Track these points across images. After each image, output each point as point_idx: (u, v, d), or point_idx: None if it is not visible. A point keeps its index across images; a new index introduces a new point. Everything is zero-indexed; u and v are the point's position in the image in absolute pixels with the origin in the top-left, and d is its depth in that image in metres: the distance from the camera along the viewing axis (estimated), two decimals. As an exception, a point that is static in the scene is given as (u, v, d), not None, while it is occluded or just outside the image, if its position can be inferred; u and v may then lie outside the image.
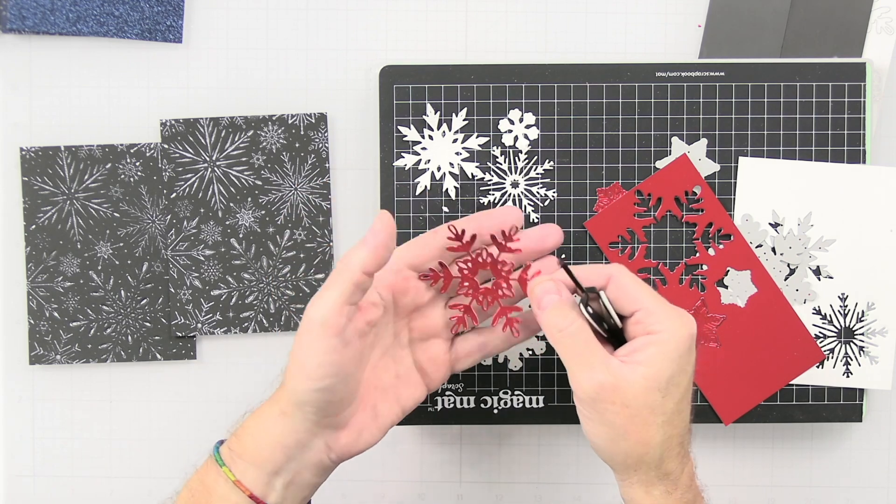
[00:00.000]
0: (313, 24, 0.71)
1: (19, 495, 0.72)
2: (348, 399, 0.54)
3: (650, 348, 0.52)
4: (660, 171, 0.68)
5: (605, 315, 0.54)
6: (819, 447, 0.72)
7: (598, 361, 0.53)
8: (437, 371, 0.59)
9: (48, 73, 0.71)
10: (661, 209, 0.68)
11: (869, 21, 0.69)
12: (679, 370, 0.53)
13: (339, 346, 0.51)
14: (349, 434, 0.55)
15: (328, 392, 0.52)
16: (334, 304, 0.51)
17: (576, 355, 0.53)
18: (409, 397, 0.58)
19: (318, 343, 0.51)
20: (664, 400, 0.52)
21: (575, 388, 0.53)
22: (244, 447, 0.54)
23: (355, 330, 0.53)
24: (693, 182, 0.68)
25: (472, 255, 0.57)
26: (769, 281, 0.68)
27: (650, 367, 0.52)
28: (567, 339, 0.53)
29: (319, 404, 0.53)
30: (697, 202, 0.68)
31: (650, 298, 0.54)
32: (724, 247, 0.68)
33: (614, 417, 0.52)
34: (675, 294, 0.68)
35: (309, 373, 0.52)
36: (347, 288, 0.51)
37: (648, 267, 0.68)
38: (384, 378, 0.58)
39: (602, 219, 0.68)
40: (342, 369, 0.52)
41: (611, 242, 0.68)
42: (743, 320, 0.68)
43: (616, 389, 0.52)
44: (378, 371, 0.57)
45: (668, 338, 0.52)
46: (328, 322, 0.51)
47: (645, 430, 0.52)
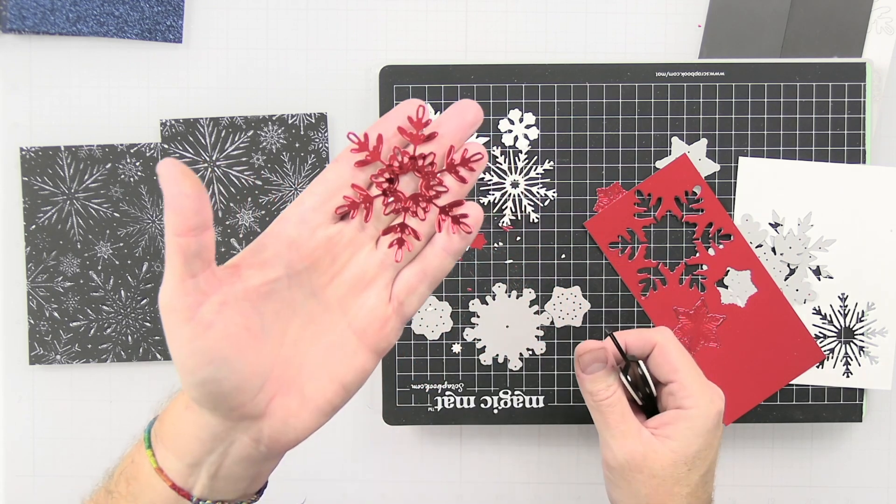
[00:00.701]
0: (313, 24, 0.71)
1: (19, 495, 0.72)
2: (248, 385, 0.45)
3: (680, 423, 0.55)
4: (660, 171, 0.68)
5: (640, 384, 0.57)
6: (819, 447, 0.72)
7: (632, 432, 0.56)
8: (382, 327, 0.48)
9: (48, 73, 0.71)
10: (661, 209, 0.68)
11: (869, 21, 0.69)
12: (706, 445, 0.55)
13: (199, 330, 0.43)
14: (272, 423, 0.46)
15: (213, 383, 0.44)
16: (172, 284, 0.43)
17: (612, 424, 0.56)
18: (347, 369, 0.47)
19: (175, 332, 0.43)
20: (690, 473, 0.55)
21: (606, 454, 0.57)
22: (165, 433, 0.48)
23: (226, 302, 0.44)
24: (693, 182, 0.68)
25: (386, 163, 0.47)
26: (769, 281, 0.68)
27: (679, 442, 0.55)
28: (606, 408, 0.57)
29: (211, 398, 0.45)
30: (697, 202, 0.68)
31: (687, 371, 0.56)
32: (724, 247, 0.68)
33: (641, 486, 0.55)
34: (675, 294, 0.68)
35: (181, 366, 0.44)
36: (177, 260, 0.43)
37: (648, 267, 0.68)
38: (310, 352, 0.47)
39: (602, 219, 0.68)
40: (216, 354, 0.43)
41: (611, 242, 0.68)
42: (743, 320, 0.68)
43: (645, 459, 0.55)
44: (301, 345, 0.47)
45: (697, 414, 0.55)
46: (172, 306, 0.43)
47: (669, 500, 0.55)
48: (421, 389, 0.69)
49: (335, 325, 0.48)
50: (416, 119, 0.47)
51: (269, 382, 0.46)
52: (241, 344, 0.44)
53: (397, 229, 0.48)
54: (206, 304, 0.43)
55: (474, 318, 0.69)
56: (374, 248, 0.48)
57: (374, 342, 0.48)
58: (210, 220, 0.43)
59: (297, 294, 0.47)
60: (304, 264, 0.46)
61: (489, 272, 0.69)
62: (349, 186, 0.47)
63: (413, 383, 0.69)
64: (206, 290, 0.44)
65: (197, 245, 0.43)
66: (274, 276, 0.46)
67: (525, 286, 0.69)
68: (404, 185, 0.48)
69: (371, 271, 0.48)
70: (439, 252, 0.48)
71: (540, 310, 0.69)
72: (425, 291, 0.49)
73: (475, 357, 0.69)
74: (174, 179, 0.42)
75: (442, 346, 0.69)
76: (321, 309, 0.48)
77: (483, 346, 0.69)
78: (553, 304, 0.69)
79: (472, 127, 0.48)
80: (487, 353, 0.69)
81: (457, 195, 0.47)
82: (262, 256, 0.46)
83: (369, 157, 0.47)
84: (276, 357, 0.46)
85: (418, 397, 0.69)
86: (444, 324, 0.69)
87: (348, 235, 0.47)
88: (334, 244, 0.47)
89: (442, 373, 0.69)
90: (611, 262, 0.68)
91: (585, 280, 0.69)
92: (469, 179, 0.47)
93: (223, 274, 0.44)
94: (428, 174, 0.48)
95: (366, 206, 0.47)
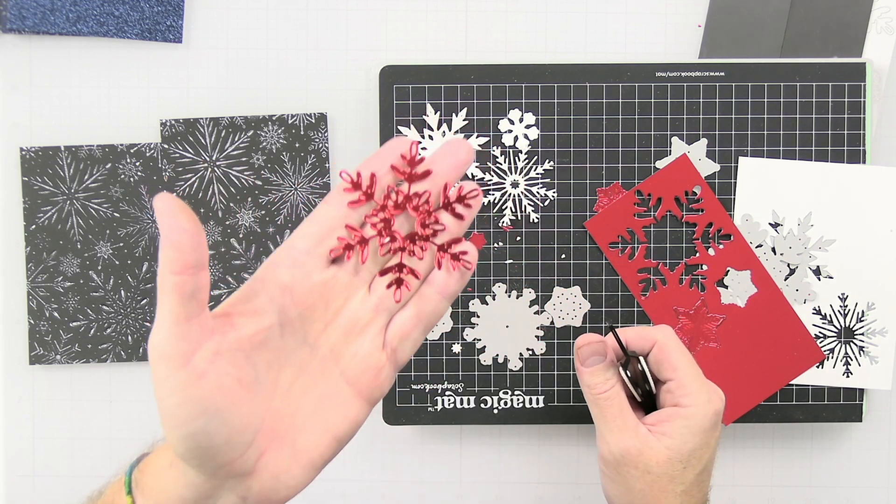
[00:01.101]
0: (313, 24, 0.71)
1: (19, 495, 0.72)
2: (239, 440, 0.42)
3: (676, 421, 0.55)
4: (660, 171, 0.68)
5: (640, 381, 0.57)
6: (819, 447, 0.72)
7: (629, 427, 0.56)
8: (376, 376, 0.46)
9: (48, 73, 0.71)
10: (661, 209, 0.68)
11: (869, 21, 0.69)
12: (702, 444, 0.55)
13: (192, 379, 0.40)
14: (262, 480, 0.43)
15: (202, 437, 0.41)
16: (166, 327, 0.40)
17: (609, 418, 0.56)
18: (340, 420, 0.45)
19: (167, 381, 0.40)
20: (685, 471, 0.55)
21: (602, 448, 0.57)
22: (146, 485, 0.45)
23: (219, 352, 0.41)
24: (693, 182, 0.68)
25: (381, 202, 0.46)
26: (769, 281, 0.68)
27: (674, 439, 0.55)
28: (604, 402, 0.57)
29: (199, 453, 0.41)
30: (697, 202, 0.68)
31: (687, 370, 0.56)
32: (724, 247, 0.68)
33: (635, 482, 0.55)
34: (675, 294, 0.68)
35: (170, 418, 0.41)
36: (172, 301, 0.40)
37: (648, 267, 0.68)
38: (303, 403, 0.45)
39: (602, 219, 0.68)
40: (209, 405, 0.40)
41: (611, 242, 0.68)
42: (743, 320, 0.68)
43: (640, 455, 0.55)
44: (293, 395, 0.44)
45: (694, 412, 0.55)
46: (165, 352, 0.40)
47: (663, 498, 0.55)
48: (421, 389, 0.69)
49: (327, 375, 0.45)
50: (409, 156, 0.45)
51: (260, 436, 0.43)
52: (234, 395, 0.42)
53: (395, 269, 0.46)
54: (199, 351, 0.40)
55: (474, 318, 0.69)
56: (367, 293, 0.46)
57: (367, 391, 0.45)
58: (206, 260, 0.41)
59: (290, 342, 0.44)
60: (298, 311, 0.44)
61: (489, 272, 0.69)
62: (342, 227, 0.45)
63: (413, 383, 0.69)
64: (199, 337, 0.41)
65: (193, 285, 0.40)
66: (268, 324, 0.43)
67: (525, 286, 0.69)
68: (399, 224, 0.46)
69: (365, 317, 0.45)
70: (434, 295, 0.46)
71: (540, 310, 0.69)
72: (419, 336, 0.47)
73: (475, 357, 0.69)
74: (172, 213, 0.39)
75: (442, 346, 0.69)
76: (313, 357, 0.45)
77: (483, 346, 0.69)
78: (553, 304, 0.69)
79: (466, 165, 0.46)
80: (487, 353, 0.69)
81: (454, 233, 0.46)
82: (254, 304, 0.43)
83: (362, 197, 0.45)
84: (267, 409, 0.43)
85: (418, 397, 0.69)
86: (444, 324, 0.69)
87: (343, 280, 0.45)
88: (329, 289, 0.45)
89: (442, 373, 0.69)
90: (611, 262, 0.68)
91: (585, 280, 0.69)
92: (466, 216, 0.46)
93: (215, 322, 0.42)
94: (424, 212, 0.46)
95: (361, 248, 0.45)
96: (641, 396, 0.57)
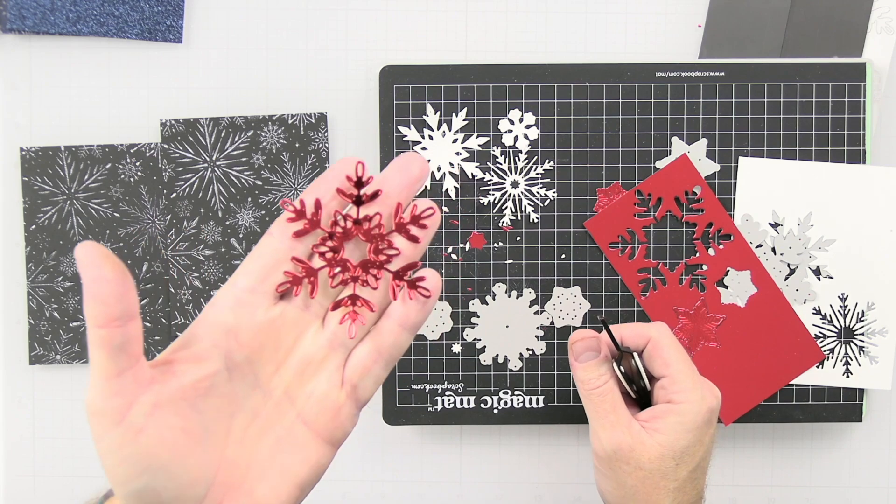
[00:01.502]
0: (313, 24, 0.71)
1: (19, 495, 0.72)
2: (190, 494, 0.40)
3: (669, 417, 0.55)
4: (660, 171, 0.68)
5: (635, 377, 0.57)
6: (819, 447, 0.72)
7: (621, 422, 0.56)
8: (335, 416, 0.43)
9: (48, 73, 0.71)
10: (661, 209, 0.68)
11: (869, 21, 0.69)
12: (695, 441, 0.55)
13: (130, 436, 0.38)
14: None
15: (149, 494, 0.39)
16: (97, 383, 0.37)
17: (602, 413, 0.56)
18: (300, 465, 0.42)
19: (103, 439, 0.38)
20: (677, 468, 0.55)
21: (594, 443, 0.57)
22: None
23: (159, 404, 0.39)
24: (693, 182, 0.68)
25: (328, 229, 0.42)
26: (769, 281, 0.68)
27: (667, 436, 0.55)
28: (596, 397, 0.57)
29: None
30: (697, 202, 0.68)
31: (680, 366, 0.56)
32: (724, 247, 0.68)
33: (627, 477, 0.55)
34: (675, 294, 0.68)
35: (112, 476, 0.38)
36: (100, 355, 0.37)
37: (648, 267, 0.68)
38: (259, 450, 0.42)
39: (602, 219, 0.68)
40: (152, 462, 0.38)
41: (611, 242, 0.68)
42: (743, 320, 0.68)
43: (632, 451, 0.55)
44: (247, 443, 0.42)
45: (687, 409, 0.55)
46: (98, 408, 0.37)
47: (655, 494, 0.55)
48: (421, 389, 0.69)
49: (283, 418, 0.42)
50: (355, 177, 0.41)
51: (214, 489, 0.40)
52: (180, 448, 0.39)
53: (347, 302, 0.42)
54: (135, 405, 0.38)
55: (474, 318, 0.69)
56: (320, 328, 0.43)
57: (328, 433, 0.43)
58: (135, 309, 0.38)
59: (239, 387, 0.42)
60: (245, 353, 0.41)
61: (489, 272, 0.69)
62: (288, 260, 0.41)
63: (413, 383, 0.69)
64: (134, 390, 0.38)
65: (122, 337, 0.37)
66: (212, 371, 0.40)
67: (525, 286, 0.69)
68: (350, 252, 0.42)
69: (319, 354, 0.42)
70: (394, 328, 0.42)
71: (540, 310, 0.69)
72: (381, 373, 0.43)
73: (475, 357, 0.69)
74: (92, 263, 0.36)
75: (442, 346, 0.69)
76: (266, 401, 0.42)
77: (483, 346, 0.69)
78: (553, 304, 0.69)
79: (419, 182, 0.42)
80: (487, 353, 0.69)
81: (410, 257, 0.42)
82: (196, 349, 0.40)
83: (308, 226, 0.41)
84: (220, 459, 0.41)
85: (418, 397, 0.69)
86: (444, 324, 0.69)
87: (291, 316, 0.42)
88: (277, 328, 0.42)
89: (442, 373, 0.69)
90: (611, 262, 0.68)
91: (585, 280, 0.69)
92: (422, 238, 0.42)
93: (154, 372, 0.39)
94: (376, 237, 0.42)
95: (310, 281, 0.42)
96: (636, 393, 0.57)
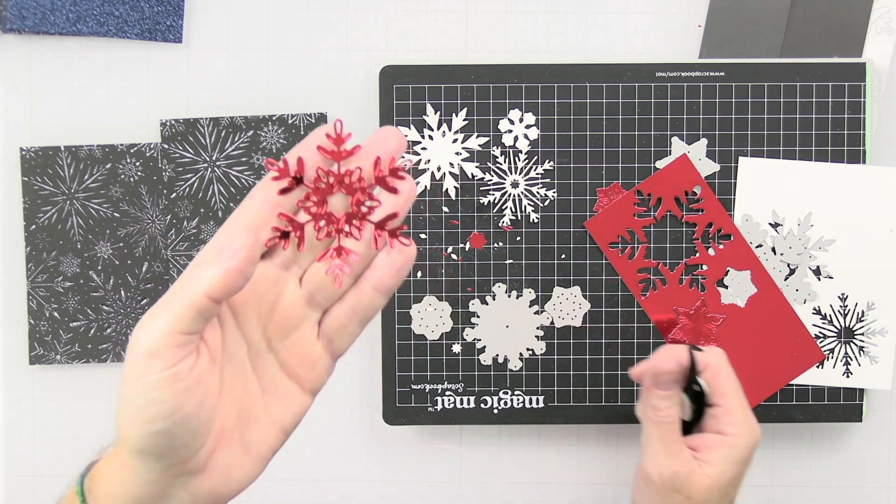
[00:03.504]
0: (313, 24, 0.71)
1: (19, 495, 0.72)
2: (195, 441, 0.43)
3: (721, 449, 0.56)
4: (660, 171, 0.68)
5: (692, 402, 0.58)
6: (819, 447, 0.72)
7: (682, 451, 0.57)
8: (313, 367, 0.46)
9: (48, 73, 0.71)
10: (661, 209, 0.68)
11: (869, 21, 0.69)
12: (739, 475, 0.57)
13: (171, 381, 0.41)
14: (212, 477, 0.44)
15: (165, 437, 0.42)
16: (164, 331, 0.41)
17: (668, 441, 0.57)
18: (285, 412, 0.46)
19: (146, 378, 0.41)
20: (720, 500, 0.56)
21: (651, 468, 0.57)
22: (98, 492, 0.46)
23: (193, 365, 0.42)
24: (693, 182, 0.68)
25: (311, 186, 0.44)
26: (769, 281, 0.68)
27: (717, 468, 0.56)
28: (666, 425, 0.57)
29: (158, 452, 0.42)
30: (697, 202, 0.68)
31: (735, 398, 0.57)
32: (724, 247, 0.68)
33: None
34: (675, 294, 0.68)
35: (137, 415, 0.42)
36: (185, 313, 0.40)
37: (648, 267, 0.68)
38: (246, 399, 0.45)
39: (602, 219, 0.68)
40: (178, 409, 0.41)
41: (611, 242, 0.68)
42: (743, 320, 0.68)
43: (687, 480, 0.56)
44: (236, 393, 0.45)
45: (738, 442, 0.56)
46: (157, 353, 0.41)
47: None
48: (421, 389, 0.69)
49: (267, 369, 0.46)
50: (334, 135, 0.44)
51: (210, 437, 0.44)
52: (199, 399, 0.42)
53: (333, 254, 0.44)
54: (185, 361, 0.41)
55: (474, 318, 0.69)
56: (297, 287, 0.45)
57: (307, 383, 0.46)
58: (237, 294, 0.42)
59: (228, 340, 0.45)
60: (232, 309, 0.44)
61: (489, 272, 0.69)
62: (272, 219, 0.43)
63: (413, 383, 0.69)
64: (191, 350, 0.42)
65: (211, 312, 0.41)
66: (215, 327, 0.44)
67: (525, 286, 0.69)
68: (332, 207, 0.44)
69: (298, 311, 0.45)
70: (369, 290, 0.45)
71: (540, 310, 0.69)
72: (356, 330, 0.46)
73: (475, 357, 0.69)
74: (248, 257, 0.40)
75: (442, 346, 0.69)
76: (250, 353, 0.46)
77: (483, 346, 0.69)
78: (553, 304, 0.69)
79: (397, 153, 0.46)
80: (487, 353, 0.69)
81: (391, 208, 0.45)
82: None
83: (292, 183, 0.44)
84: (216, 409, 0.44)
85: (418, 397, 0.69)
86: (444, 324, 0.69)
87: (272, 276, 0.44)
88: (259, 285, 0.44)
89: (442, 373, 0.69)
90: (611, 262, 0.68)
91: (585, 280, 0.69)
92: (401, 190, 0.45)
93: None
94: (356, 189, 0.45)
95: (297, 235, 0.44)
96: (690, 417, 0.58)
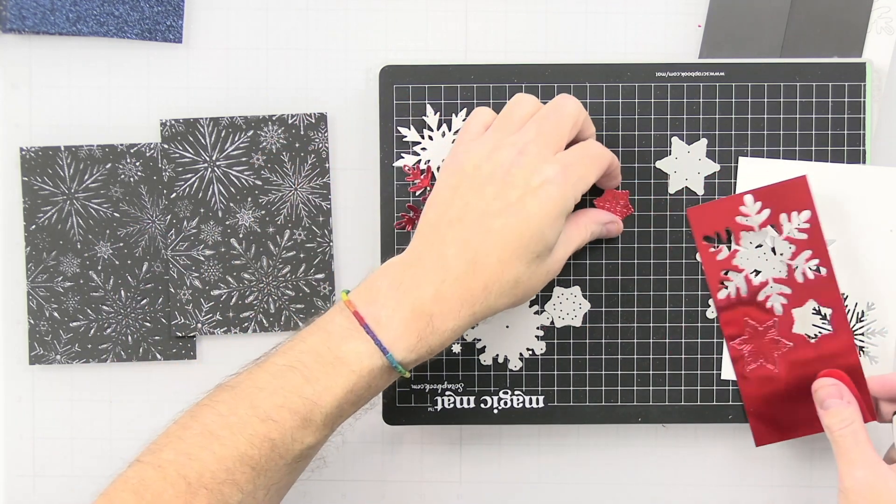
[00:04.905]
0: (313, 24, 0.71)
1: (19, 495, 0.72)
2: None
3: None
4: (776, 185, 0.65)
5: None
6: (819, 447, 0.72)
7: (864, 460, 0.60)
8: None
9: (48, 73, 0.71)
10: (764, 220, 0.66)
11: (869, 21, 0.69)
12: None
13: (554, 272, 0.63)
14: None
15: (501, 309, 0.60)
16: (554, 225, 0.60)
17: (843, 451, 0.61)
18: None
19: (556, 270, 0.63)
20: None
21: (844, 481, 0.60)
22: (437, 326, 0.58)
23: None
24: (804, 206, 0.65)
25: None
26: (846, 327, 0.66)
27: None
28: (839, 437, 0.61)
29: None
30: (804, 227, 0.65)
31: None
32: (815, 278, 0.66)
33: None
34: (749, 305, 0.66)
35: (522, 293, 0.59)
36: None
37: (736, 271, 0.66)
38: None
39: (707, 210, 0.66)
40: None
41: (706, 236, 0.67)
42: (808, 354, 0.66)
43: (871, 488, 0.58)
44: None
45: None
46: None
47: None
48: (421, 389, 0.69)
49: None
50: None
51: None
52: None
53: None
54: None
55: (474, 318, 0.69)
56: None
57: None
58: None
59: None
60: None
61: (489, 272, 0.69)
62: None
63: (413, 383, 0.69)
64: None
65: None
66: None
67: (525, 286, 0.69)
68: None
69: None
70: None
71: (540, 310, 0.69)
72: None
73: (475, 357, 0.69)
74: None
75: (442, 346, 0.69)
76: None
77: (483, 346, 0.69)
78: (553, 304, 0.69)
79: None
80: (487, 353, 0.69)
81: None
82: None
83: None
84: None
85: (418, 397, 0.69)
86: (444, 324, 0.69)
87: None
88: None
89: (442, 373, 0.69)
90: (700, 253, 0.67)
91: (585, 280, 0.69)
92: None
93: None
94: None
95: None
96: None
